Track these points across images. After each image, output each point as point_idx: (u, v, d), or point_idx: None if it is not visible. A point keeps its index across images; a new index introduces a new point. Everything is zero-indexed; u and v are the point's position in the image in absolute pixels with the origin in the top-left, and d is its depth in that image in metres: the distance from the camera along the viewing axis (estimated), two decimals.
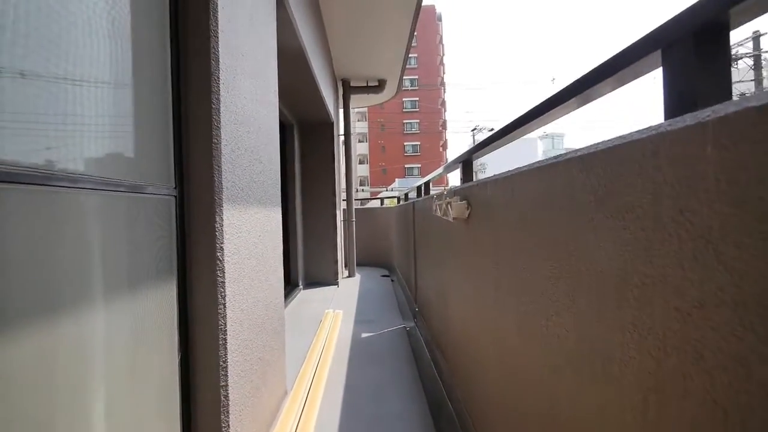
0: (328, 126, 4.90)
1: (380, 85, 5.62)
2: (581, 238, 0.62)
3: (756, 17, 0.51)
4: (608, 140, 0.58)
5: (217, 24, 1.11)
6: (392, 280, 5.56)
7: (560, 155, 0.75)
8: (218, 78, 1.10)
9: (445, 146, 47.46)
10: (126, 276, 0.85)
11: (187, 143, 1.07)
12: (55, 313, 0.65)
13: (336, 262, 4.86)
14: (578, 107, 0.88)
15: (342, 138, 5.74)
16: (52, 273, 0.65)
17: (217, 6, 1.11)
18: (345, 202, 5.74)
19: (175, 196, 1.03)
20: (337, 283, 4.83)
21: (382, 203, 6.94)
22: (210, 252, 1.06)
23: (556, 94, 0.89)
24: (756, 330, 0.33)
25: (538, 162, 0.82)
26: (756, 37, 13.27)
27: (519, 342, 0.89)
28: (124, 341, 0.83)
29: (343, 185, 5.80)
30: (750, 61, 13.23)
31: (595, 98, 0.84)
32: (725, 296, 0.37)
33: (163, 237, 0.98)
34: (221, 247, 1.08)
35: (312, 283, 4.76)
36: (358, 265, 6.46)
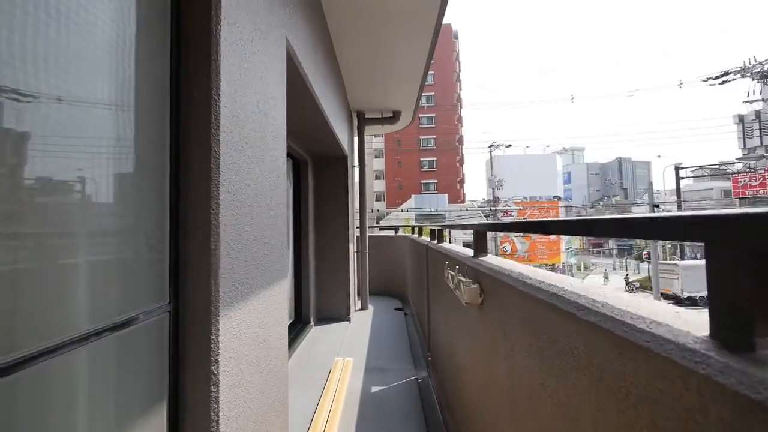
0: (342, 160, 4.91)
1: (395, 116, 5.63)
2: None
3: None
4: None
5: (218, 127, 1.09)
6: (405, 314, 5.42)
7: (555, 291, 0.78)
8: (218, 183, 1.07)
9: (461, 162, 47.26)
10: (114, 413, 0.80)
11: (185, 251, 1.03)
12: None
13: (348, 296, 4.78)
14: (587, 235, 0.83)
15: (356, 168, 5.75)
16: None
17: (220, 93, 1.09)
18: (359, 229, 5.70)
19: (169, 311, 0.99)
20: (349, 319, 4.73)
21: (396, 231, 6.86)
22: (204, 366, 1.01)
23: (571, 222, 0.89)
24: None
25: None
26: None
27: None
28: None
29: (357, 215, 5.77)
30: None
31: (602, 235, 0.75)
32: None
33: (155, 363, 0.93)
34: (216, 359, 1.03)
35: (324, 318, 4.68)
36: (371, 293, 6.36)
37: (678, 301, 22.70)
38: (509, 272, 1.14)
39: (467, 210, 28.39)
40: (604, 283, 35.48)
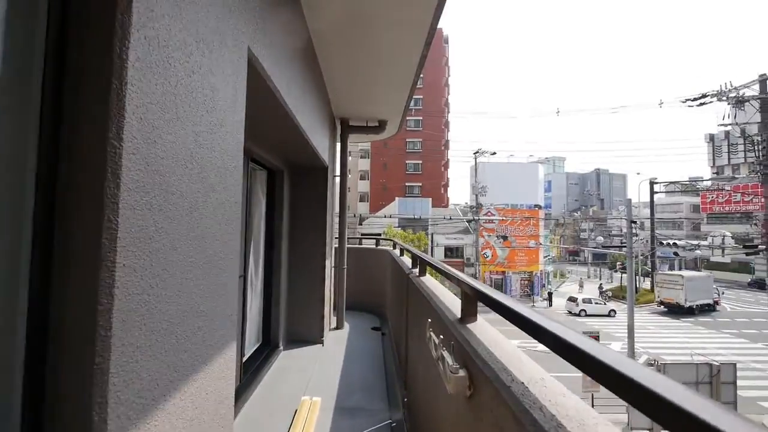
0: (321, 170, 4.59)
1: (381, 126, 5.35)
2: None
3: None
4: None
5: (118, 187, 0.77)
6: (383, 334, 5.15)
7: None
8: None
9: (446, 166, 47.48)
10: None
11: None
12: None
13: (322, 318, 4.47)
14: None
15: (338, 179, 5.44)
16: None
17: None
18: (338, 240, 5.38)
19: None
20: (322, 341, 4.42)
21: (377, 243, 6.59)
22: None
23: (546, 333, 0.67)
24: None
25: None
26: (763, 80, 13.27)
27: None
28: None
29: (336, 228, 5.46)
30: (756, 104, 13.20)
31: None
32: None
33: None
34: None
35: (295, 341, 4.35)
36: (348, 308, 6.05)
37: (681, 309, 24.36)
38: (510, 369, 0.88)
39: (451, 218, 28.41)
40: (579, 291, 36.43)
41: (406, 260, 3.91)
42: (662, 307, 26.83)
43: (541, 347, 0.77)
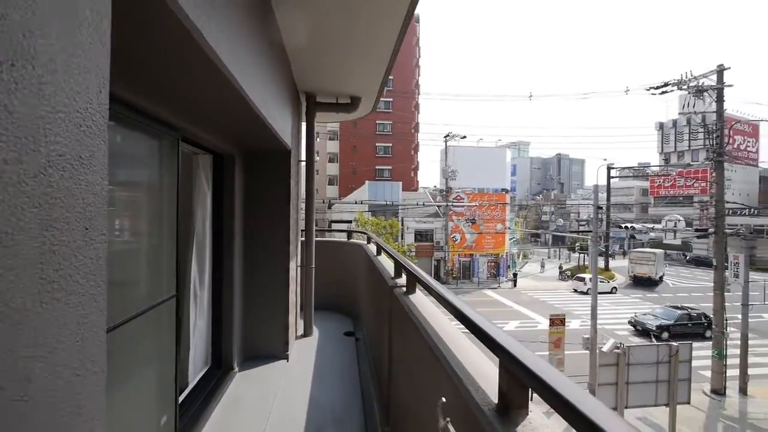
0: (283, 155, 3.84)
1: (353, 103, 4.63)
2: None
3: None
4: None
5: None
6: (357, 339, 4.63)
7: None
8: None
9: (416, 149, 47.05)
10: None
11: None
12: None
13: (287, 329, 3.84)
14: None
15: (303, 164, 4.70)
16: None
17: None
18: (304, 233, 4.71)
19: None
20: (287, 356, 3.80)
21: (349, 236, 5.96)
22: None
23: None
24: None
25: None
26: (720, 71, 13.81)
27: None
28: None
29: (303, 221, 4.77)
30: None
31: None
32: None
33: None
34: None
35: (254, 357, 3.70)
36: (317, 308, 5.45)
37: (652, 281, 29.06)
38: None
39: (425, 204, 28.13)
40: (540, 271, 38.25)
41: (386, 264, 3.35)
42: (632, 281, 30.11)
43: None
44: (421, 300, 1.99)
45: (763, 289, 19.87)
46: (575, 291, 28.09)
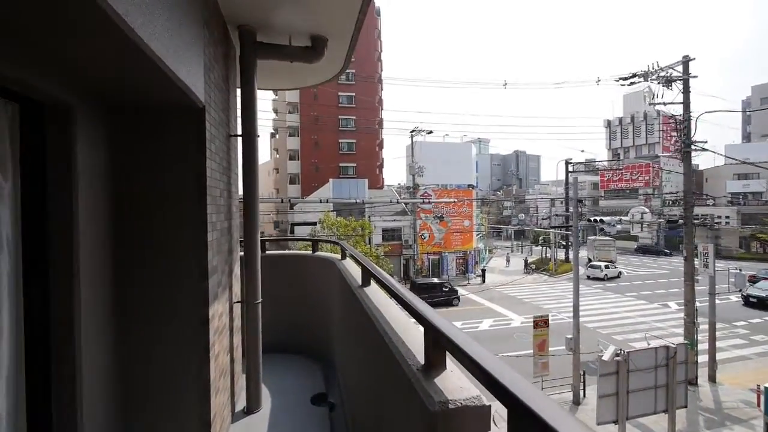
0: (188, 114, 2.13)
1: (315, 48, 3.01)
2: None
3: None
4: None
5: None
6: (332, 406, 3.05)
7: None
8: None
9: (381, 146, 45.66)
10: None
11: None
12: None
13: (208, 424, 2.15)
14: None
15: (240, 140, 3.00)
16: None
17: None
18: (243, 246, 3.01)
19: None
20: None
21: (315, 248, 4.29)
22: None
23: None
24: None
25: None
26: (686, 62, 13.85)
27: None
28: None
29: (239, 225, 3.07)
30: (680, 85, 13.81)
31: None
32: None
33: None
34: None
35: None
36: (271, 350, 3.77)
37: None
38: None
39: (398, 202, 26.68)
40: (506, 266, 38.65)
41: (383, 299, 1.83)
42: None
43: None
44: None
45: (726, 277, 20.59)
46: (588, 278, 29.50)
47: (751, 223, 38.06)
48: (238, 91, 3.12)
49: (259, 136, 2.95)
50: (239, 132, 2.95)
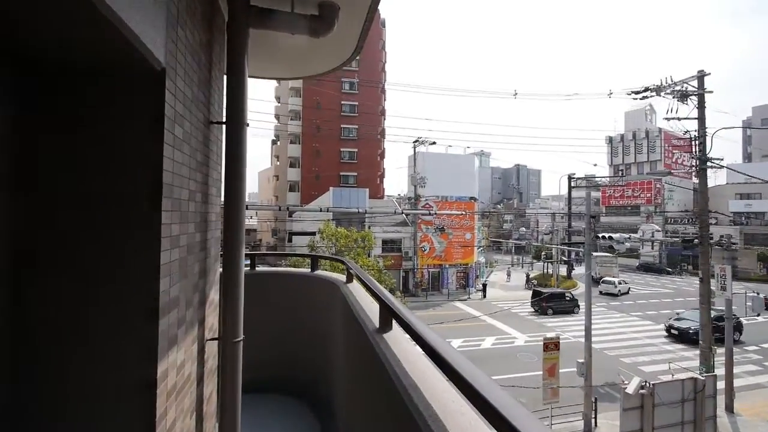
0: (140, 79, 1.48)
1: (323, 17, 2.38)
2: None
3: None
4: None
5: None
6: None
7: None
8: None
9: (382, 156, 45.25)
10: None
11: None
12: None
13: None
14: None
15: (224, 128, 2.35)
16: None
17: None
18: (223, 270, 2.33)
19: None
20: None
21: (314, 266, 3.59)
22: None
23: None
24: None
25: None
26: (701, 77, 13.45)
27: None
28: None
29: (219, 236, 2.39)
30: (695, 100, 13.38)
31: None
32: None
33: None
34: None
35: None
36: (248, 390, 3.05)
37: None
38: None
39: (402, 212, 25.94)
40: (507, 281, 37.80)
41: (411, 352, 1.16)
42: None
43: None
44: None
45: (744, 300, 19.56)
46: (601, 293, 29.59)
47: (752, 244, 37.54)
48: (223, 47, 2.49)
49: (248, 124, 2.30)
50: (223, 119, 2.31)
